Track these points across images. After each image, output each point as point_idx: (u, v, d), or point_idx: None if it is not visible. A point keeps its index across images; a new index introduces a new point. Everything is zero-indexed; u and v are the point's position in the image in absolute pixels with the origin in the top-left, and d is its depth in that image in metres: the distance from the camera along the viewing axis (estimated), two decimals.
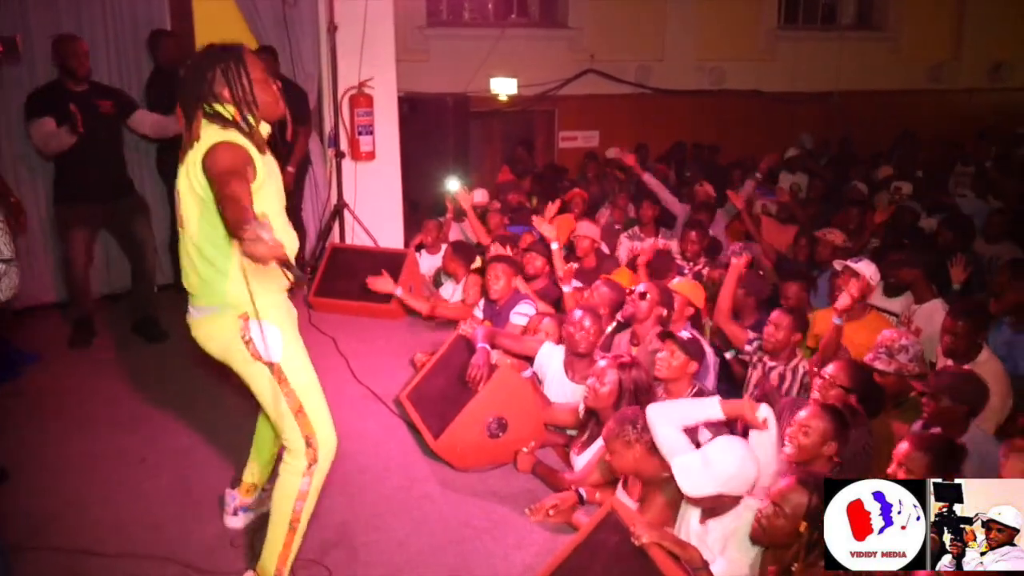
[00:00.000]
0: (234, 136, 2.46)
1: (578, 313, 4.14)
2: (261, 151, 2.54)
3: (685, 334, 3.91)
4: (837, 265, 4.88)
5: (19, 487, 3.52)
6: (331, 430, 2.72)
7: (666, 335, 3.91)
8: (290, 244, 2.67)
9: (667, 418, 3.06)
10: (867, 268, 4.51)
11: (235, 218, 2.12)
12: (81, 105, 4.79)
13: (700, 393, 3.84)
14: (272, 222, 2.45)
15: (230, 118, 2.49)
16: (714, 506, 2.85)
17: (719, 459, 2.79)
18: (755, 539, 2.68)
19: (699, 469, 2.78)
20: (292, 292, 2.79)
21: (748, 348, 4.40)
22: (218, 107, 2.49)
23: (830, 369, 3.62)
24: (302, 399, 2.65)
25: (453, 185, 7.95)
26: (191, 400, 4.26)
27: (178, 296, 2.83)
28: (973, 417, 3.39)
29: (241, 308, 2.55)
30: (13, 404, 4.32)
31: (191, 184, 2.48)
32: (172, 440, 3.96)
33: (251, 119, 2.51)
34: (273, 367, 2.60)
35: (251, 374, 2.64)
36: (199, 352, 2.77)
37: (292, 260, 2.58)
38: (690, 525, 2.92)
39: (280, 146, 2.68)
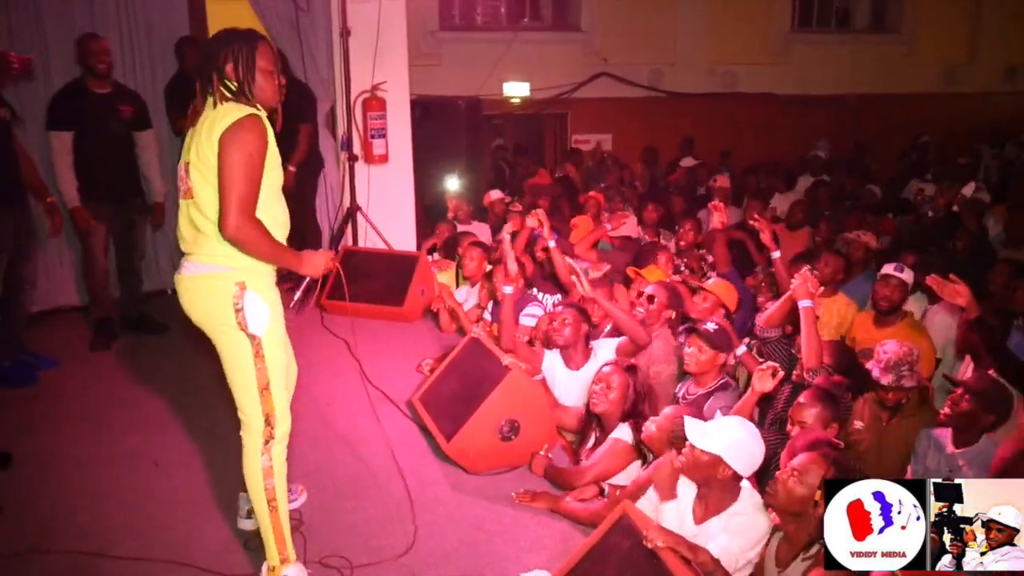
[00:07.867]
0: (255, 110, 2.62)
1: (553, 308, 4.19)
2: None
3: (711, 326, 3.90)
4: (886, 270, 4.80)
5: (33, 488, 3.54)
6: (288, 411, 2.82)
7: (691, 330, 3.92)
8: (283, 219, 2.79)
9: None
10: (909, 277, 4.56)
11: (238, 199, 2.50)
12: (103, 108, 4.96)
13: (726, 385, 3.89)
14: (271, 195, 2.68)
15: (240, 92, 2.64)
16: (707, 480, 2.80)
17: (731, 424, 2.87)
18: (769, 503, 2.74)
19: (713, 425, 2.87)
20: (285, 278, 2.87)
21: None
22: (228, 82, 2.64)
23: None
24: (271, 377, 2.73)
25: (453, 185, 7.93)
26: (205, 404, 4.26)
27: None
28: (992, 431, 3.34)
29: (240, 276, 2.64)
30: (29, 407, 4.35)
31: (201, 152, 2.58)
32: (185, 444, 3.97)
33: (249, 96, 2.66)
34: (255, 340, 2.67)
35: (232, 341, 2.69)
36: (212, 354, 2.78)
37: (286, 235, 2.79)
38: (685, 529, 2.85)
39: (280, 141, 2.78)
